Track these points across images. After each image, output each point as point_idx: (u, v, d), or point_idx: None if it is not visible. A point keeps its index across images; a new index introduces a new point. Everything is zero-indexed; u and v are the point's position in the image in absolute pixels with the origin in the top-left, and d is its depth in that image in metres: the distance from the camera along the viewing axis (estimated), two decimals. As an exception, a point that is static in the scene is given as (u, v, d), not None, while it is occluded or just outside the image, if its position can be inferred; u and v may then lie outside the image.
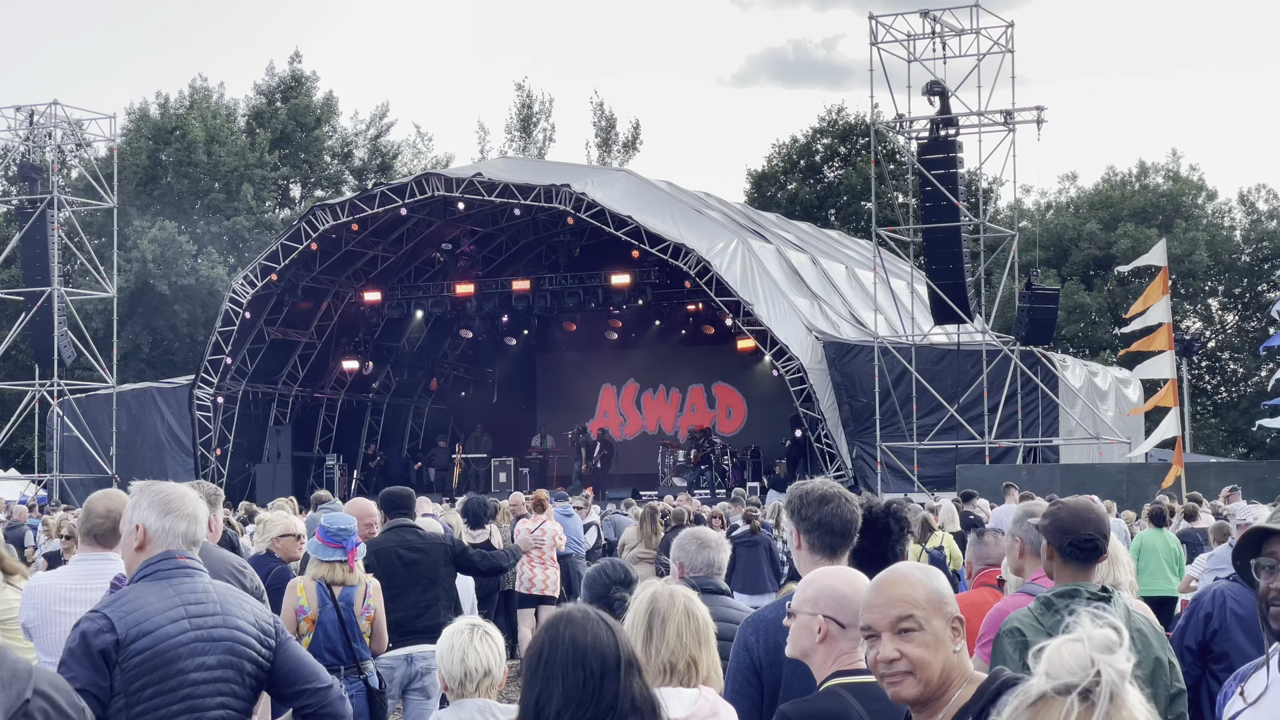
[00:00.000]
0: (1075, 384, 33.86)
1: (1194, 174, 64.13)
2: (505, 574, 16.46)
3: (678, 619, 4.29)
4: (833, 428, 32.36)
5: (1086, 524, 5.08)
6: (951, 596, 3.62)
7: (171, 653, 4.61)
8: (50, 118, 36.79)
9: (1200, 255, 57.62)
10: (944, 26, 31.89)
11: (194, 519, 4.91)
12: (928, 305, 32.27)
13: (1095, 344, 58.57)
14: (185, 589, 4.76)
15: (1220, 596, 6.03)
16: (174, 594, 4.72)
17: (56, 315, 35.22)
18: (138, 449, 37.18)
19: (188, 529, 4.88)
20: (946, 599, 3.60)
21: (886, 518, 5.23)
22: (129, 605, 4.66)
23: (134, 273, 52.69)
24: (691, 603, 4.36)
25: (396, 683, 9.42)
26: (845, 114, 66.77)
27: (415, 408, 42.84)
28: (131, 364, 51.04)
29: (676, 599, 4.34)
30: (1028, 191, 65.61)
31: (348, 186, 62.12)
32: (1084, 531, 5.05)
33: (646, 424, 41.79)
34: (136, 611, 4.63)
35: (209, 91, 62.51)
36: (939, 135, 31.71)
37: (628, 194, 34.57)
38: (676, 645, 4.26)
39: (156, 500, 4.92)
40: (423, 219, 36.94)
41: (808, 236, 43.16)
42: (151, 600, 4.69)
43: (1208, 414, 61.61)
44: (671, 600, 4.33)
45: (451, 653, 5.22)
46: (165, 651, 4.60)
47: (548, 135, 67.18)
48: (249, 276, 35.60)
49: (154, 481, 5.12)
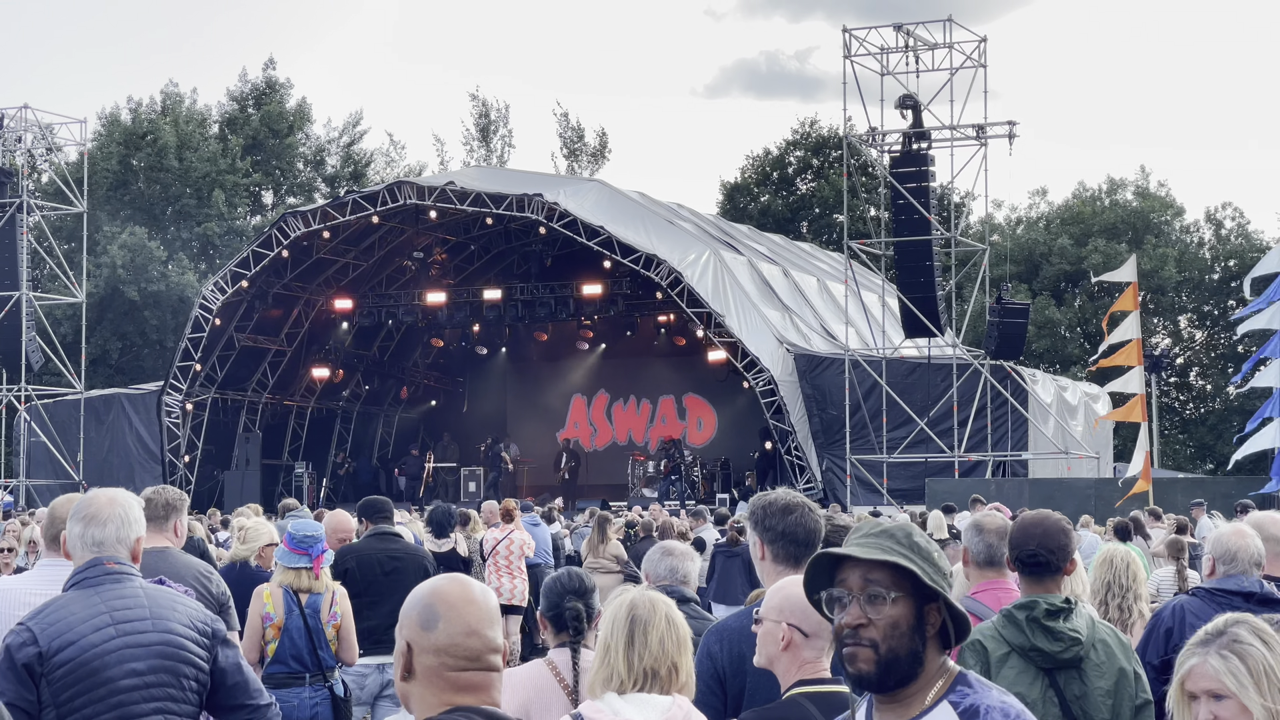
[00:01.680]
0: (1045, 399, 33.98)
1: (1163, 190, 64.51)
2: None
3: (659, 626, 4.29)
4: (803, 440, 32.41)
5: (1030, 538, 5.16)
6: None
7: (97, 661, 4.55)
8: (20, 121, 36.61)
9: (1170, 271, 57.92)
10: (917, 40, 32.01)
11: (123, 522, 4.86)
12: (899, 318, 32.37)
13: (1065, 359, 58.79)
14: (112, 595, 4.70)
15: (1180, 611, 6.05)
16: (99, 601, 4.67)
17: (25, 320, 35.02)
18: (106, 455, 36.98)
19: (117, 532, 4.83)
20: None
21: (835, 533, 5.25)
22: (52, 616, 4.63)
23: (103, 278, 52.43)
24: (671, 610, 4.38)
25: (368, 690, 9.42)
26: (818, 127, 66.96)
27: (385, 416, 42.75)
28: (100, 370, 50.77)
29: (657, 606, 4.35)
30: (999, 206, 65.91)
31: (320, 194, 61.94)
32: (1027, 546, 5.14)
33: (617, 435, 41.77)
34: (60, 622, 4.59)
35: (181, 97, 62.28)
36: (911, 149, 31.83)
37: (600, 204, 34.58)
38: (659, 652, 4.25)
39: (78, 510, 4.91)
40: (394, 227, 36.88)
41: (780, 248, 43.25)
42: (76, 609, 4.64)
43: (1175, 430, 61.90)
44: (652, 607, 4.34)
45: None
46: (90, 660, 4.55)
47: (506, 142, 67.25)
48: (219, 283, 35.47)
49: (95, 490, 5.10)
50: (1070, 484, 29.64)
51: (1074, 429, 35.15)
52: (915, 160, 31.72)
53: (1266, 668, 3.33)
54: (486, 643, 3.23)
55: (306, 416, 39.96)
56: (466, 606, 3.22)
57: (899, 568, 3.12)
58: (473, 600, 3.24)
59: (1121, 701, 4.89)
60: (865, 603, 3.11)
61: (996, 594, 5.65)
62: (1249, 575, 6.07)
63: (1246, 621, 3.35)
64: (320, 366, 39.29)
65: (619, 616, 4.34)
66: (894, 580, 3.12)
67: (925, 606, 3.14)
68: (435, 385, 43.64)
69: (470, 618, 3.21)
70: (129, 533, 4.88)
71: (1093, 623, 5.03)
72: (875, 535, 3.19)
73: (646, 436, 40.93)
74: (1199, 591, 6.12)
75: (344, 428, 41.31)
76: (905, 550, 3.14)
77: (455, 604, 3.22)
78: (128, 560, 4.87)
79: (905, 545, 3.15)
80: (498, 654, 3.26)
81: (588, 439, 41.40)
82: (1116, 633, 5.14)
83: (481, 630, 3.22)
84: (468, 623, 3.20)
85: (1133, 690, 4.93)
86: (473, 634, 3.20)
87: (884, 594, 3.10)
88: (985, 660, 4.84)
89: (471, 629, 3.20)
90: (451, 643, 3.18)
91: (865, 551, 3.14)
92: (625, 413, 41.92)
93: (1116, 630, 5.23)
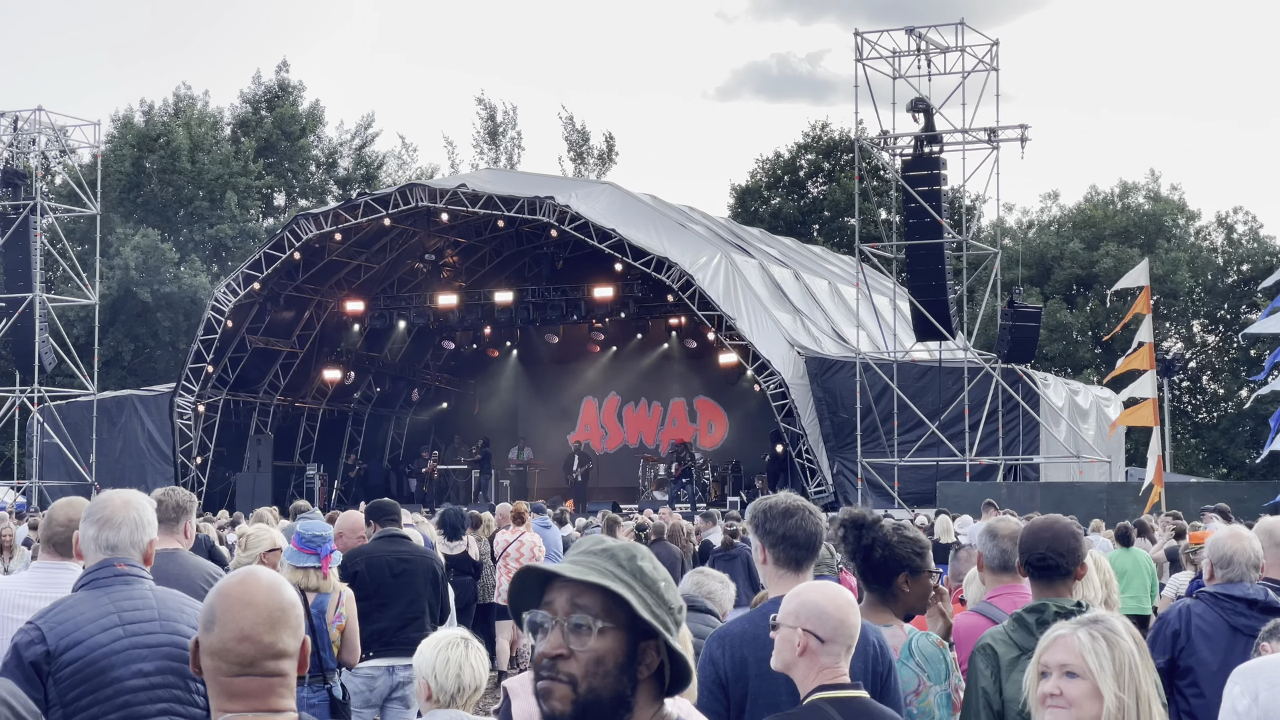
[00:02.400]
0: (1057, 402, 33.93)
1: (1175, 194, 64.41)
2: (481, 585, 16.45)
3: None
4: (814, 443, 32.38)
5: (1040, 542, 5.17)
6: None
7: (104, 661, 4.57)
8: (35, 124, 36.70)
9: (1182, 275, 57.83)
10: (929, 44, 31.98)
11: (137, 525, 4.89)
12: (910, 322, 32.33)
13: (1077, 363, 58.72)
14: (121, 596, 4.73)
15: (1186, 613, 6.05)
16: (108, 602, 4.70)
17: (38, 321, 35.11)
18: (118, 456, 37.05)
19: (130, 535, 4.86)
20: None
21: (900, 539, 5.28)
22: (60, 616, 4.65)
23: (116, 280, 52.58)
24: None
25: (378, 692, 9.41)
26: (830, 130, 66.98)
27: (397, 418, 42.78)
28: (113, 371, 50.91)
29: None
30: (1010, 209, 65.85)
31: (332, 196, 62.02)
32: (1036, 550, 5.16)
33: (628, 437, 41.77)
34: (67, 622, 4.61)
35: (194, 100, 62.46)
36: (923, 152, 31.80)
37: (611, 207, 34.59)
38: None
39: (92, 512, 4.94)
40: (406, 229, 36.92)
41: (791, 251, 43.22)
42: (84, 610, 4.67)
43: (1187, 434, 61.78)
44: None
45: (447, 666, 5.18)
46: (98, 660, 4.57)
47: (515, 144, 67.27)
48: (231, 285, 35.54)
49: (109, 492, 5.12)
50: (1082, 488, 29.57)
51: (1086, 433, 35.08)
52: (927, 163, 31.68)
53: (1132, 662, 3.31)
54: (262, 648, 2.98)
55: (318, 418, 40.00)
56: (242, 609, 2.99)
57: (613, 594, 2.63)
58: (250, 602, 3.00)
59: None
60: (569, 631, 2.62)
61: (1012, 599, 5.66)
62: (1247, 579, 6.07)
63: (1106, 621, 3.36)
64: (332, 368, 39.34)
65: None
66: (605, 608, 2.63)
67: (641, 643, 2.66)
68: (446, 387, 43.67)
69: (244, 621, 2.98)
70: (142, 536, 4.90)
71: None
72: (594, 553, 2.71)
73: (657, 439, 40.92)
74: (1204, 595, 6.12)
75: (355, 430, 41.34)
76: (625, 575, 2.66)
77: (231, 605, 3.00)
78: (139, 562, 4.90)
79: (626, 569, 2.68)
80: (282, 659, 3.01)
81: (599, 441, 41.40)
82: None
83: (256, 635, 2.98)
84: (241, 627, 2.98)
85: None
86: (245, 639, 2.97)
87: (590, 623, 2.62)
88: (996, 664, 4.85)
89: (244, 633, 2.97)
90: (223, 646, 2.98)
91: (575, 571, 2.66)
92: (636, 415, 41.92)
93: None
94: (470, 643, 5.25)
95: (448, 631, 5.40)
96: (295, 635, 3.06)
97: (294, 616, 3.06)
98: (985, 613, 5.69)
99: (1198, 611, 6.01)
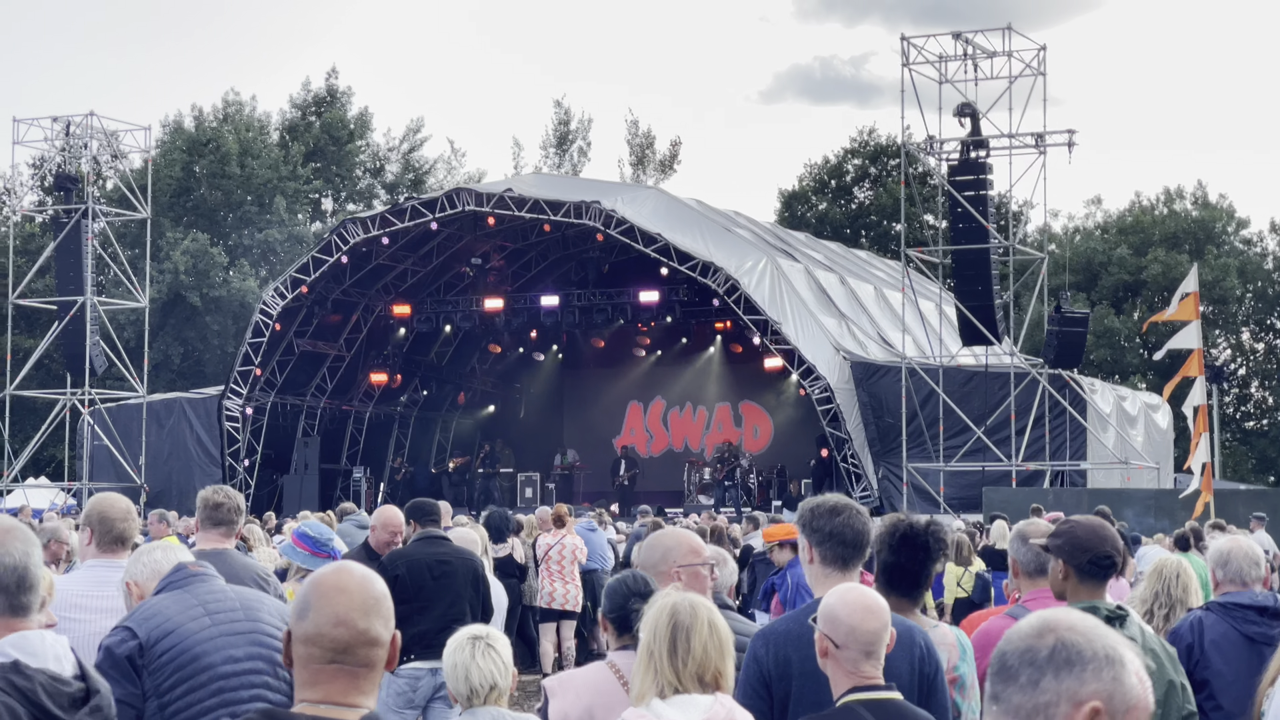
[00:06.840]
0: (1104, 408, 33.73)
1: (1223, 201, 63.88)
2: (525, 588, 16.50)
3: (702, 632, 4.22)
4: (859, 448, 32.32)
5: (1104, 541, 5.10)
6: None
7: (197, 648, 4.70)
8: (86, 129, 37.04)
9: (1232, 281, 57.37)
10: (976, 48, 31.86)
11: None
12: (956, 327, 32.21)
13: (1124, 369, 58.33)
14: (201, 591, 4.87)
15: (1199, 625, 6.03)
16: (190, 598, 4.84)
17: (89, 325, 35.40)
18: (167, 459, 37.35)
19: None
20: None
21: (925, 536, 5.26)
22: (147, 612, 4.79)
23: (166, 284, 53.02)
24: (712, 614, 4.31)
25: (421, 693, 9.50)
26: (876, 135, 66.84)
27: (443, 422, 42.95)
28: (162, 374, 51.31)
29: (698, 611, 4.27)
30: (1056, 215, 65.50)
31: (379, 201, 62.36)
32: (1102, 549, 5.06)
33: (673, 441, 41.80)
34: (155, 616, 4.75)
35: (242, 105, 62.91)
36: (969, 157, 31.68)
37: (657, 211, 34.65)
38: (703, 658, 4.20)
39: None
40: (453, 233, 37.07)
41: (836, 256, 43.16)
42: (168, 605, 4.81)
43: (1236, 441, 61.29)
44: (693, 612, 4.26)
45: (455, 670, 5.19)
46: (191, 648, 4.69)
47: (582, 152, 67.33)
48: (279, 289, 35.79)
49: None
50: (1130, 494, 29.37)
51: (1134, 439, 34.86)
52: (973, 168, 31.56)
53: None
54: (357, 634, 3.00)
55: (365, 421, 40.21)
56: (338, 595, 3.02)
57: None
58: (345, 588, 3.03)
59: (1169, 712, 4.90)
60: None
61: (1049, 603, 5.65)
62: (1251, 582, 6.06)
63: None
64: (378, 372, 39.53)
65: (660, 623, 4.26)
66: None
67: None
68: (493, 391, 43.80)
69: (339, 606, 3.00)
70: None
71: (1143, 633, 5.03)
72: None
73: (702, 443, 40.94)
74: (1213, 606, 6.10)
75: (402, 433, 41.53)
76: None
77: (326, 591, 3.02)
78: (207, 565, 5.13)
79: None
80: (375, 647, 3.03)
81: (644, 445, 41.44)
82: (1164, 643, 5.14)
83: (351, 620, 3.00)
84: (336, 612, 2.99)
85: (1180, 701, 4.95)
86: (340, 623, 2.99)
87: None
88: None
89: (340, 618, 2.99)
90: (318, 632, 2.99)
91: None
92: (681, 419, 41.95)
93: (1164, 641, 5.24)
94: (479, 644, 5.22)
95: (461, 633, 5.37)
96: (387, 625, 3.07)
97: (386, 607, 3.08)
98: (1020, 617, 5.69)
99: (1209, 623, 5.99)
